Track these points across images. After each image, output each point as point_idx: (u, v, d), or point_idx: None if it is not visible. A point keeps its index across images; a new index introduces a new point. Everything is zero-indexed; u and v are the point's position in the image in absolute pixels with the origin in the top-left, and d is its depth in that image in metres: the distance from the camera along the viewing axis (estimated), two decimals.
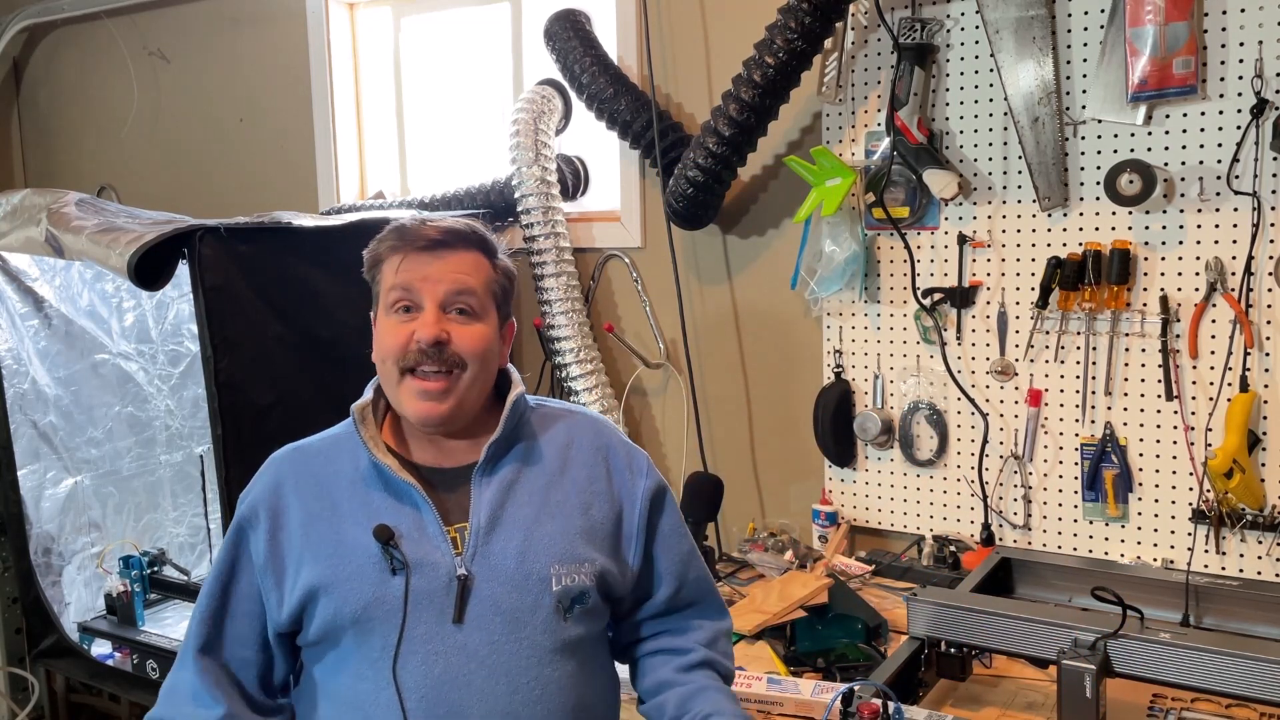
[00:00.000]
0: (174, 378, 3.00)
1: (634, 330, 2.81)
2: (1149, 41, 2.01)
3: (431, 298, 1.32)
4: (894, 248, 2.38)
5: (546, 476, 1.38)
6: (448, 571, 1.31)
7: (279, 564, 1.35)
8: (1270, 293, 2.02)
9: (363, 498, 1.35)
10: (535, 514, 1.35)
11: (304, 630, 1.35)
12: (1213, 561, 2.11)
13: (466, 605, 1.30)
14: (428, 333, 1.31)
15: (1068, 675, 1.57)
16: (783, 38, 2.23)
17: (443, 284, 1.33)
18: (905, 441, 2.41)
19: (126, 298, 2.90)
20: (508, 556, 1.32)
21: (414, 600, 1.29)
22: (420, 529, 1.32)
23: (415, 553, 1.31)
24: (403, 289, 1.33)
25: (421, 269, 1.33)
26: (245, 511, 1.39)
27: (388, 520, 1.31)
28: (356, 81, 3.34)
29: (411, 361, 1.31)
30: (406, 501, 1.34)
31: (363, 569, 1.31)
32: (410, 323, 1.32)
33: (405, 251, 1.34)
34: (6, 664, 2.73)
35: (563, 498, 1.38)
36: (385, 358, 1.34)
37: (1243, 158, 2.01)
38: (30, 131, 4.07)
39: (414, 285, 1.32)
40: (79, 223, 2.26)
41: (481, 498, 1.34)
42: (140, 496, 2.95)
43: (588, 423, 1.47)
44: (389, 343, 1.33)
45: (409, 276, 1.33)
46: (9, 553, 2.69)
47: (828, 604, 2.03)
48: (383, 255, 1.36)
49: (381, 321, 1.36)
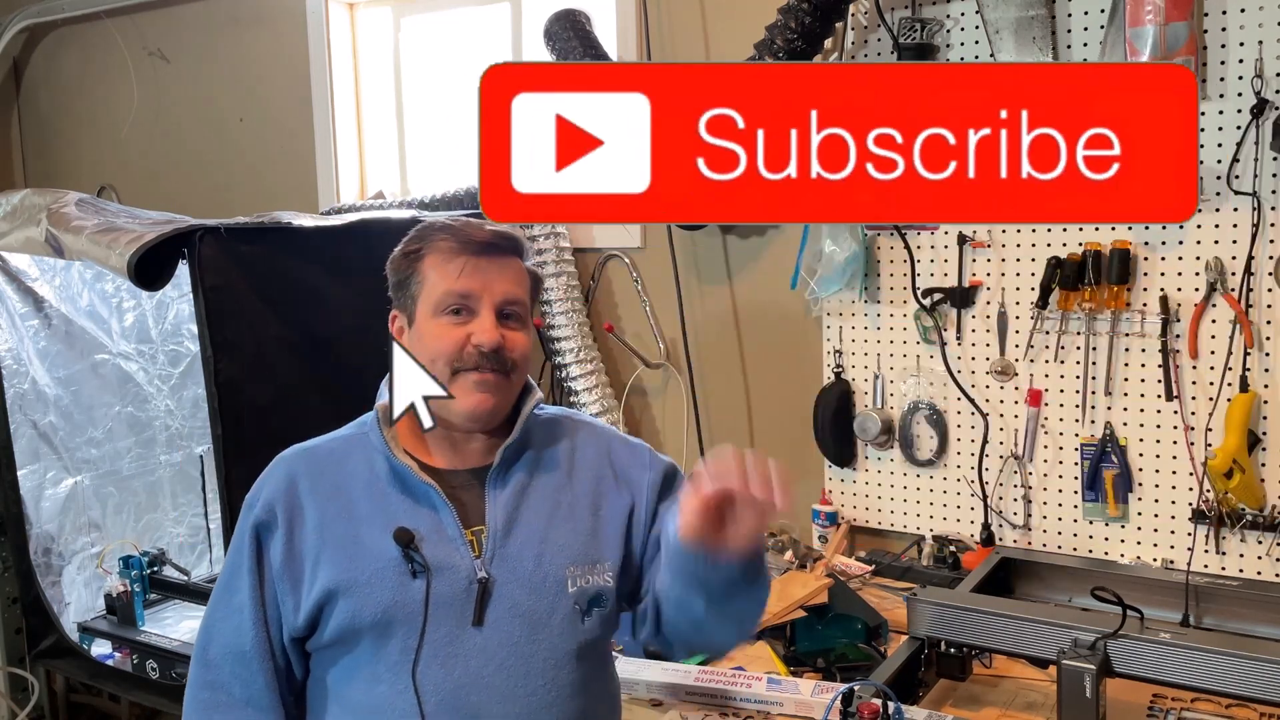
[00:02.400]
0: (174, 378, 3.00)
1: (634, 330, 2.81)
2: (1149, 41, 2.01)
3: (489, 303, 1.32)
4: (894, 248, 2.38)
5: (556, 480, 1.39)
6: (468, 574, 1.30)
7: (296, 566, 1.33)
8: (1270, 293, 2.02)
9: (380, 499, 1.34)
10: (548, 517, 1.36)
11: (318, 633, 1.33)
12: (1213, 561, 2.11)
13: (486, 608, 1.30)
14: (489, 338, 1.30)
15: (1068, 675, 1.57)
16: (783, 38, 2.23)
17: (499, 290, 1.33)
18: (905, 441, 2.41)
19: (126, 298, 2.89)
20: (525, 559, 1.32)
21: (434, 603, 1.28)
22: (439, 531, 1.32)
23: (435, 556, 1.30)
24: (461, 293, 1.32)
25: (479, 273, 1.32)
26: (260, 514, 1.35)
27: (406, 523, 1.31)
28: (356, 81, 3.34)
29: (470, 364, 1.31)
30: (425, 504, 1.33)
31: (382, 572, 1.29)
32: (463, 325, 1.31)
33: (459, 253, 1.33)
34: (6, 664, 2.73)
35: (572, 500, 1.38)
36: (436, 358, 1.32)
37: (1243, 158, 2.01)
38: (30, 131, 4.07)
39: (472, 290, 1.31)
40: (79, 223, 2.26)
41: (497, 501, 1.34)
42: (140, 496, 2.94)
43: (585, 426, 1.48)
44: (442, 345, 1.31)
45: (468, 282, 1.32)
46: (9, 553, 2.69)
47: (828, 604, 2.03)
48: (425, 252, 1.35)
49: (428, 322, 1.33)
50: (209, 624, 1.38)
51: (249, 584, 1.34)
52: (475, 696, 1.29)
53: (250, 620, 1.34)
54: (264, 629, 1.34)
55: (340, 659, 1.33)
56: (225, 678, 1.35)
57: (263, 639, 1.34)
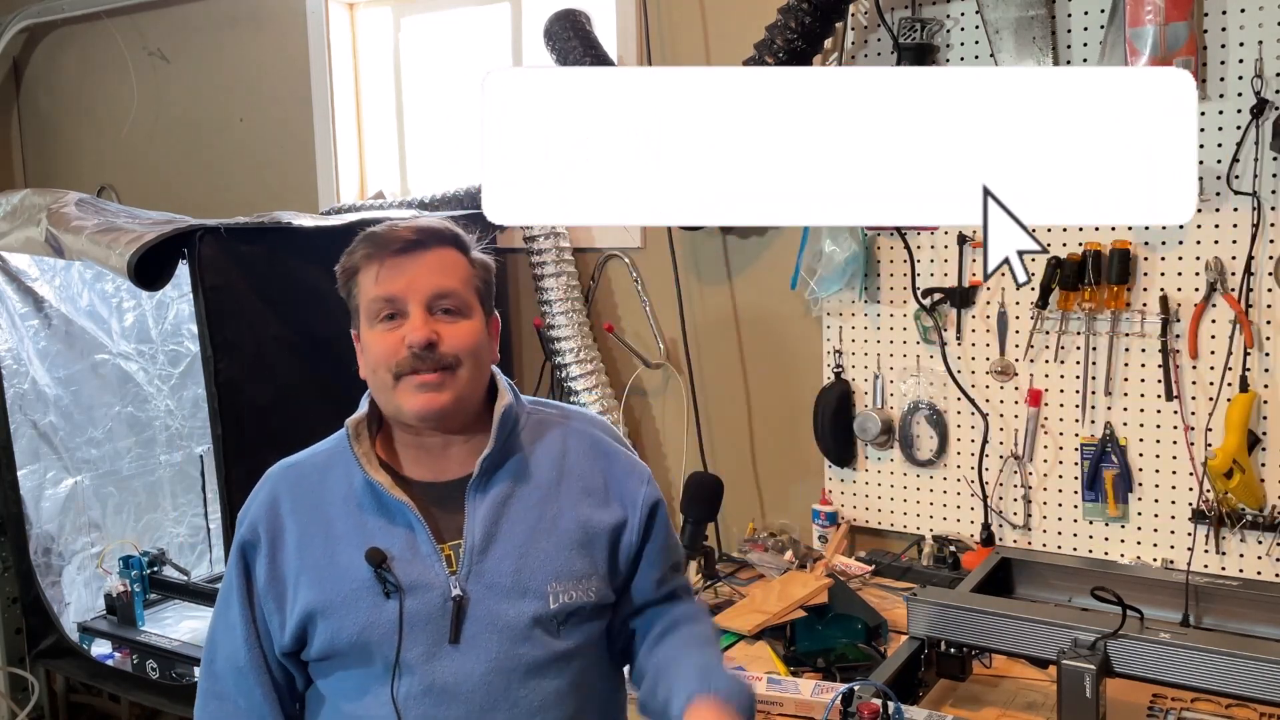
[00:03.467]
0: (174, 378, 3.00)
1: (634, 330, 2.81)
2: (1149, 41, 2.01)
3: (416, 301, 1.29)
4: (894, 248, 2.38)
5: (542, 490, 1.36)
6: (442, 593, 1.29)
7: (279, 586, 1.33)
8: (1270, 293, 2.02)
9: (356, 518, 1.33)
10: (530, 530, 1.33)
11: (305, 649, 1.34)
12: (1213, 561, 2.11)
13: (463, 625, 1.29)
14: (418, 335, 1.28)
15: (1068, 675, 1.57)
16: (783, 38, 2.23)
17: (425, 286, 1.30)
18: (905, 441, 2.41)
19: (126, 298, 2.89)
20: (503, 574, 1.31)
21: (409, 622, 1.28)
22: (413, 549, 1.30)
23: (408, 575, 1.29)
24: (385, 298, 1.30)
25: (401, 274, 1.30)
26: (246, 534, 1.36)
27: (380, 541, 1.30)
28: (356, 81, 3.33)
29: (406, 366, 1.29)
30: (400, 521, 1.32)
31: (357, 593, 1.29)
32: (397, 329, 1.29)
33: (381, 258, 1.31)
34: (6, 664, 2.73)
35: (557, 512, 1.35)
36: (377, 367, 1.31)
37: (1243, 158, 2.01)
38: (30, 131, 4.07)
39: (396, 292, 1.29)
40: (79, 223, 2.26)
41: (475, 515, 1.32)
42: (140, 496, 2.95)
43: (584, 428, 1.44)
44: (379, 351, 1.30)
45: (390, 285, 1.30)
46: (9, 553, 2.69)
47: (828, 604, 2.03)
48: (358, 265, 1.33)
49: (367, 333, 1.32)
50: (211, 637, 1.40)
51: (239, 601, 1.36)
52: (455, 711, 1.28)
53: (243, 638, 1.35)
54: (257, 646, 1.35)
55: (331, 672, 1.34)
56: (229, 689, 1.36)
57: (257, 655, 1.35)
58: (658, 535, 1.42)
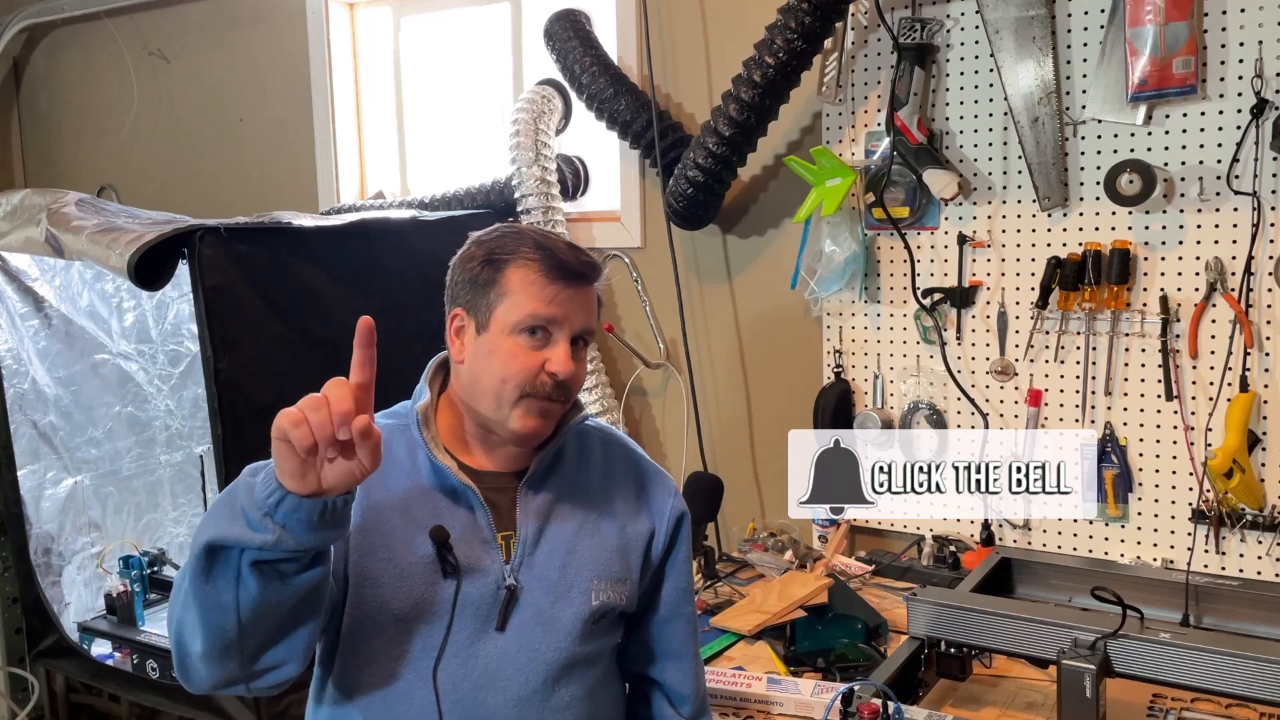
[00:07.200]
0: (174, 378, 3.00)
1: (634, 330, 2.81)
2: (1149, 41, 2.01)
3: (568, 332, 1.30)
4: (894, 248, 2.38)
5: (588, 493, 1.39)
6: (496, 580, 1.31)
7: (359, 531, 1.30)
8: (1270, 293, 2.02)
9: (419, 495, 1.33)
10: (577, 529, 1.36)
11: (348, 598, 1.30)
12: (1213, 561, 2.11)
13: (510, 614, 1.31)
14: (565, 369, 1.29)
15: (1068, 675, 1.57)
16: (783, 38, 2.23)
17: (579, 321, 1.31)
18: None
19: (126, 298, 2.90)
20: (551, 568, 1.33)
21: (462, 605, 1.29)
22: (474, 533, 1.32)
23: (468, 557, 1.30)
24: (546, 318, 1.28)
25: (566, 301, 1.29)
26: None
27: (443, 521, 1.30)
28: (356, 81, 3.34)
29: (541, 391, 1.29)
30: (462, 504, 1.33)
31: (415, 567, 1.29)
32: (541, 350, 1.29)
33: (551, 277, 1.29)
34: (6, 664, 2.73)
35: (599, 515, 1.39)
36: (508, 379, 1.29)
37: (1243, 158, 2.01)
38: (30, 131, 4.07)
39: (557, 316, 1.29)
40: (79, 223, 2.27)
41: (528, 509, 1.35)
42: (140, 496, 2.95)
43: (618, 443, 1.48)
44: (516, 366, 1.28)
45: (553, 308, 1.29)
46: (9, 553, 2.69)
47: (828, 604, 2.03)
48: (512, 264, 1.30)
49: (502, 338, 1.29)
50: None
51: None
52: (491, 698, 1.30)
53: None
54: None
55: (361, 647, 1.31)
56: None
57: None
58: (681, 546, 1.46)
